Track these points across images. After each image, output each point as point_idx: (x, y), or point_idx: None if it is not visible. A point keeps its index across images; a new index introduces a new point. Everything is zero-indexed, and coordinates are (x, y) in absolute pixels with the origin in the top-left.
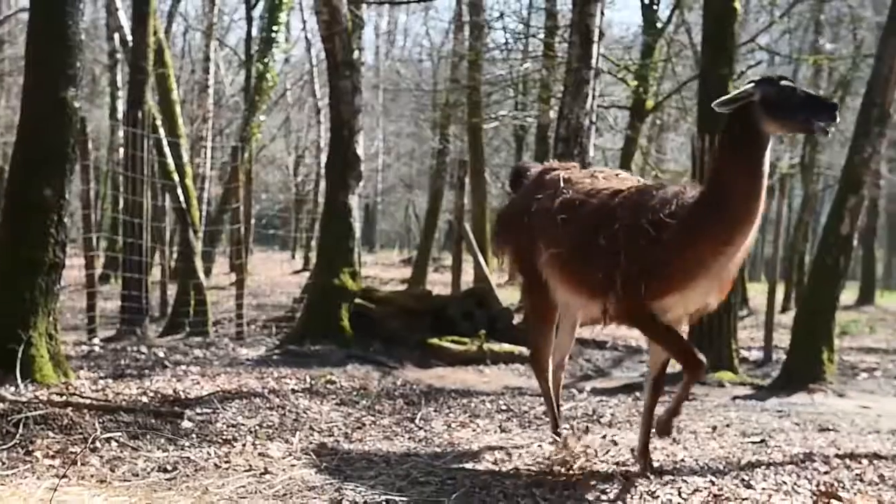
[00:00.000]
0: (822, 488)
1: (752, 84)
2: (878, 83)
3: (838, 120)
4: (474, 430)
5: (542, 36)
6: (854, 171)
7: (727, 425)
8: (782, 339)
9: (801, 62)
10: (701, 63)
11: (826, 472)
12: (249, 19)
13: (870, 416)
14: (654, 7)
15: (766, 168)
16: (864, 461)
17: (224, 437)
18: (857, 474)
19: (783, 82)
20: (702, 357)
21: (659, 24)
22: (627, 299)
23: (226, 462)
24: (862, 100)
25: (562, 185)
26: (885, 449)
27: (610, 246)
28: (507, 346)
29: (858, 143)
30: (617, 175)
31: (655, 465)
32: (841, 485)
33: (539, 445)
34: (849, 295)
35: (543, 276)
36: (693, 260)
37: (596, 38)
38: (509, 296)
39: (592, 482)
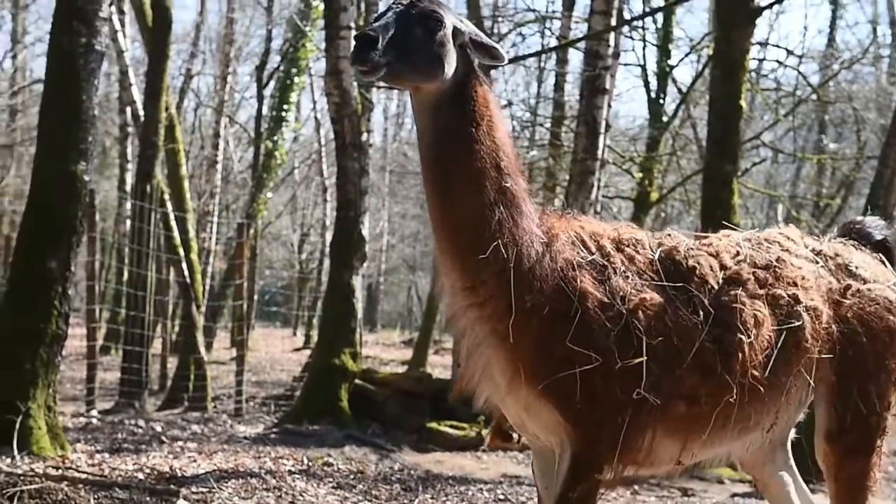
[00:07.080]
0: None
1: None
2: (881, 185)
3: (362, 62)
4: None
5: (548, 125)
6: None
7: None
8: None
9: (804, 160)
10: (705, 158)
11: None
12: (260, 98)
13: None
14: (661, 101)
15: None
16: None
17: None
18: None
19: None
20: None
21: (665, 118)
22: None
23: None
24: (865, 201)
25: None
26: None
27: None
28: None
29: None
30: None
31: None
32: None
33: None
34: None
35: None
36: None
37: (602, 129)
38: None
39: None
